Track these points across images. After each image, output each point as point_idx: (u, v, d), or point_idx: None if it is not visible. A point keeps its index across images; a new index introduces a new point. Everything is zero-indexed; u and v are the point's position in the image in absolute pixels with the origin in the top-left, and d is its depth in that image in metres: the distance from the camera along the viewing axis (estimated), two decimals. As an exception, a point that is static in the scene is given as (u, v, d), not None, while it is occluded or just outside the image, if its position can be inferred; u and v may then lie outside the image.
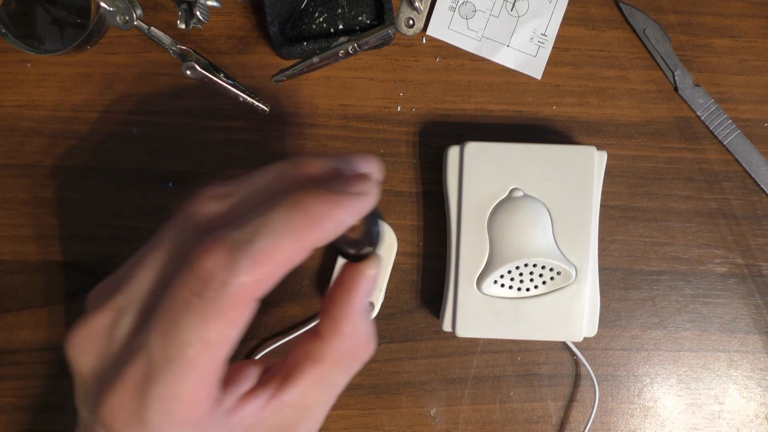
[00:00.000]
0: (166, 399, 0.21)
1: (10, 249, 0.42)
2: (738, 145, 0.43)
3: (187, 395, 0.22)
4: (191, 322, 0.21)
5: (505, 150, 0.40)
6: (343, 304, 0.26)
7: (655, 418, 0.44)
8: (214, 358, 0.22)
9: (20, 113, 0.42)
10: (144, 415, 0.22)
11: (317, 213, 0.22)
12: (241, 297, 0.21)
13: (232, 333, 0.22)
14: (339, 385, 0.27)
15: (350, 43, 0.37)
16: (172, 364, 0.21)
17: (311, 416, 0.26)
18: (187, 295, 0.21)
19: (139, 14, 0.36)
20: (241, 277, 0.21)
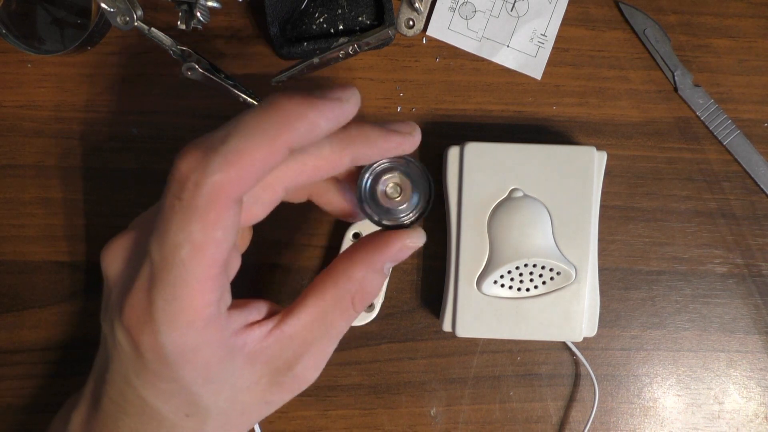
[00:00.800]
0: (168, 299, 0.23)
1: (10, 249, 0.42)
2: (738, 146, 0.43)
3: (188, 296, 0.23)
4: (177, 224, 0.22)
5: (505, 150, 0.40)
6: (364, 254, 0.27)
7: (654, 418, 0.44)
8: (206, 260, 0.22)
9: (21, 113, 0.42)
10: (153, 315, 0.23)
11: (291, 112, 0.23)
12: (217, 196, 0.22)
13: (218, 234, 0.22)
14: (336, 328, 0.28)
15: (350, 43, 0.37)
16: (168, 266, 0.23)
17: (311, 352, 0.27)
18: (171, 200, 0.22)
19: (140, 15, 0.36)
20: (214, 176, 0.22)
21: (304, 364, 0.27)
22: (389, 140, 0.27)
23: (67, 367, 0.42)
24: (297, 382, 0.27)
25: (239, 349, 0.25)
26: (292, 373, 0.27)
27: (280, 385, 0.27)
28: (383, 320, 0.43)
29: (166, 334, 0.23)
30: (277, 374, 0.27)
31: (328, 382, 0.43)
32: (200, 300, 0.23)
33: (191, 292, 0.23)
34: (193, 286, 0.23)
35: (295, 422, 0.43)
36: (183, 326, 0.23)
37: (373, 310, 0.42)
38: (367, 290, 0.27)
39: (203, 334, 0.24)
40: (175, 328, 0.23)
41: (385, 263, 0.27)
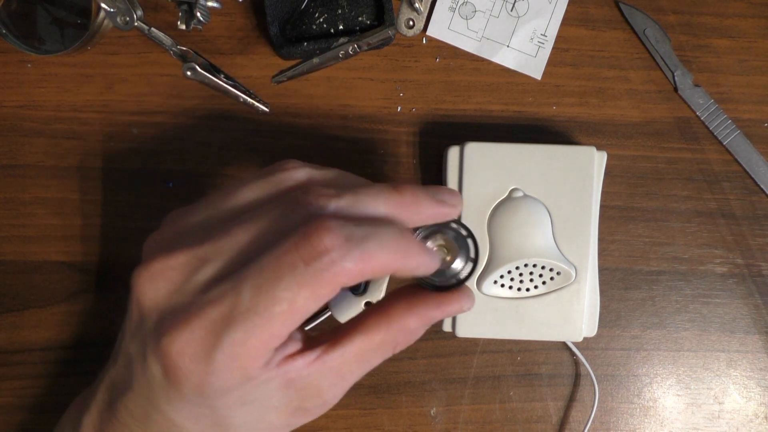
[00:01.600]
0: (237, 344, 0.23)
1: (10, 249, 0.42)
2: (738, 146, 0.43)
3: (255, 346, 0.23)
4: (290, 283, 0.23)
5: (505, 150, 0.40)
6: (423, 308, 0.28)
7: (654, 418, 0.44)
8: (291, 321, 0.23)
9: (21, 113, 0.42)
10: (213, 355, 0.23)
11: (413, 254, 0.26)
12: (338, 279, 0.23)
13: (313, 306, 0.24)
14: (372, 365, 0.28)
15: (350, 43, 0.37)
16: (256, 314, 0.23)
17: (341, 384, 0.28)
18: (296, 260, 0.23)
19: (140, 15, 0.36)
20: (348, 263, 0.23)
21: (334, 393, 0.28)
22: (438, 211, 0.28)
23: (67, 367, 0.42)
24: (322, 407, 0.28)
25: (280, 376, 0.26)
26: (321, 400, 0.27)
27: (306, 410, 0.28)
28: (383, 320, 0.43)
29: (219, 376, 0.24)
30: (307, 400, 0.27)
31: (328, 382, 0.43)
32: (264, 350, 0.24)
33: (261, 343, 0.23)
34: (266, 338, 0.23)
35: (295, 422, 0.43)
36: (237, 370, 0.24)
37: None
38: (411, 339, 0.28)
39: (250, 380, 0.24)
40: (231, 371, 0.24)
41: (438, 319, 0.28)
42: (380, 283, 0.42)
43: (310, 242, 0.23)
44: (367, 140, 0.43)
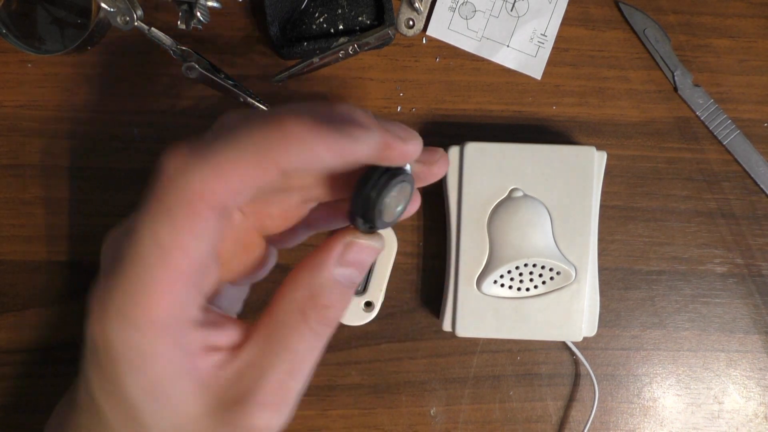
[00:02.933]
0: (126, 295, 0.22)
1: (10, 249, 0.42)
2: (737, 146, 0.43)
3: (144, 298, 0.21)
4: (150, 224, 0.21)
5: (505, 150, 0.40)
6: (311, 258, 0.24)
7: (654, 418, 0.44)
8: (169, 265, 0.21)
9: (21, 113, 0.42)
10: (107, 307, 0.22)
11: (292, 134, 0.21)
12: (192, 202, 0.21)
13: (187, 241, 0.21)
14: (291, 350, 0.23)
15: (350, 43, 0.37)
16: (133, 264, 0.22)
17: (266, 385, 0.23)
18: (149, 197, 0.21)
19: (140, 15, 0.36)
20: (194, 182, 0.20)
21: (259, 401, 0.23)
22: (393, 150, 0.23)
23: (67, 366, 0.42)
24: (251, 424, 0.23)
25: (192, 372, 0.23)
26: (245, 411, 0.23)
27: (231, 425, 0.23)
28: (383, 320, 0.43)
29: (116, 330, 0.22)
30: (229, 411, 0.23)
31: (327, 381, 0.43)
32: (156, 305, 0.21)
33: (149, 295, 0.21)
34: (153, 289, 0.21)
35: (295, 422, 0.43)
36: (133, 326, 0.22)
37: (373, 310, 0.42)
38: (319, 300, 0.23)
39: (154, 343, 0.22)
40: (125, 326, 0.22)
41: (332, 266, 0.23)
42: (380, 282, 0.42)
43: (156, 173, 0.22)
44: (367, 140, 0.43)
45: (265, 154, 0.21)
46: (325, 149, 0.21)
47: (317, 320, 0.23)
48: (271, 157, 0.21)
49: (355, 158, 0.22)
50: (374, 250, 0.25)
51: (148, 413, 0.23)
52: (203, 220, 0.21)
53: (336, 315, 0.24)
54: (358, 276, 0.24)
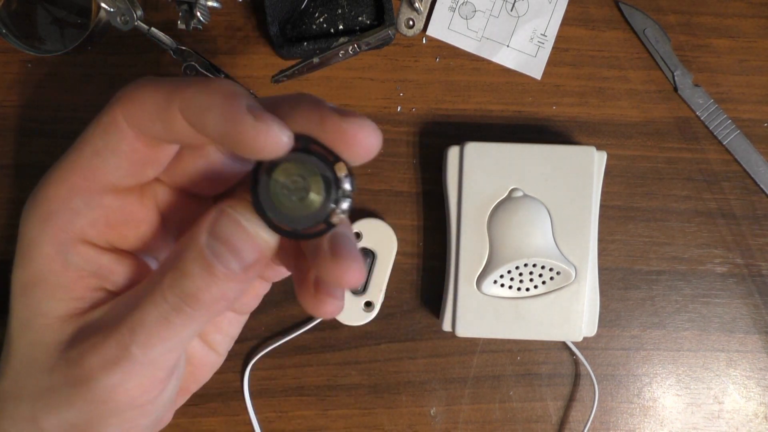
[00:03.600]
0: (45, 181, 0.23)
1: (10, 249, 0.42)
2: (737, 145, 0.43)
3: (56, 180, 0.23)
4: (89, 130, 0.24)
5: (505, 150, 0.40)
6: (194, 227, 0.21)
7: (654, 418, 0.44)
8: (83, 168, 0.22)
9: (21, 113, 0.42)
10: (34, 195, 0.23)
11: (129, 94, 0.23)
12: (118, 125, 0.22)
13: (109, 163, 0.22)
14: (142, 310, 0.20)
15: (350, 43, 0.37)
16: (61, 159, 0.23)
17: (109, 332, 0.21)
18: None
19: (140, 15, 0.36)
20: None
21: (92, 345, 0.20)
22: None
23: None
24: (81, 365, 0.20)
25: (67, 285, 0.22)
26: (80, 350, 0.21)
27: (69, 362, 0.21)
28: (383, 320, 0.43)
29: (24, 215, 0.24)
30: (72, 347, 0.21)
31: (327, 381, 0.43)
32: (54, 189, 0.23)
33: (56, 180, 0.23)
34: (59, 177, 0.23)
35: (295, 422, 0.43)
36: (32, 206, 0.23)
37: (373, 310, 0.42)
38: (178, 264, 0.20)
39: (41, 228, 0.23)
40: (29, 207, 0.23)
41: (203, 232, 0.20)
42: (380, 282, 0.42)
43: None
44: (367, 140, 0.43)
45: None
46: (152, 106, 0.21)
47: (169, 286, 0.20)
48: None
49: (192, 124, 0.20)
50: (248, 235, 0.20)
51: (17, 315, 0.22)
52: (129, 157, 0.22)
53: (194, 290, 0.20)
54: (232, 261, 0.20)
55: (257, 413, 0.43)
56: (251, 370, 0.43)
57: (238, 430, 0.43)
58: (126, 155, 0.21)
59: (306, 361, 0.43)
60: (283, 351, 0.43)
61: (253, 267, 0.20)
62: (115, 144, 0.21)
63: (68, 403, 0.21)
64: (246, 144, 0.18)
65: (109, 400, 0.21)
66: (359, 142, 0.19)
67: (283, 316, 0.43)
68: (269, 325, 0.43)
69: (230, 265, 0.20)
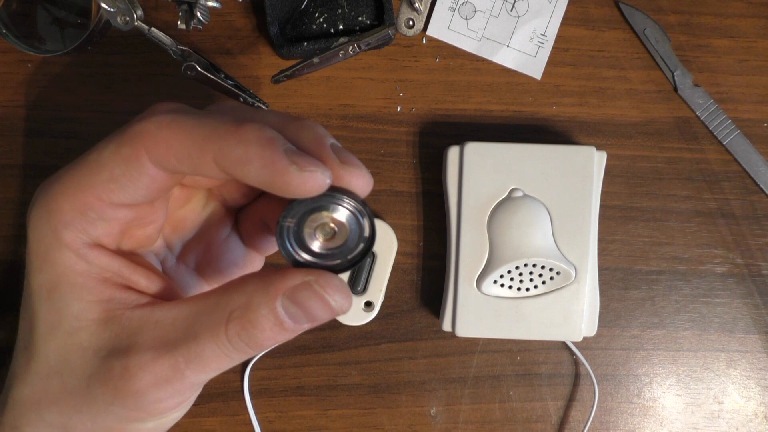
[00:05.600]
0: (58, 186, 0.22)
1: (10, 249, 0.42)
2: (737, 145, 0.43)
3: (72, 188, 0.22)
4: (109, 140, 0.22)
5: (505, 150, 0.40)
6: (263, 275, 0.22)
7: (654, 418, 0.44)
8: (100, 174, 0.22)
9: (21, 113, 0.42)
10: (46, 197, 0.22)
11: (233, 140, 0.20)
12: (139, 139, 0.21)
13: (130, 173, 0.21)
14: (200, 344, 0.21)
15: (350, 43, 0.37)
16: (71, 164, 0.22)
17: (162, 353, 0.22)
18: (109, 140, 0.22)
19: (140, 15, 0.36)
20: (150, 125, 0.21)
21: (143, 360, 0.21)
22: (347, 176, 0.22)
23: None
24: (127, 377, 0.21)
25: (92, 288, 0.22)
26: (126, 361, 0.21)
27: (111, 372, 0.22)
28: (383, 320, 0.43)
29: (34, 220, 0.22)
30: (113, 355, 0.22)
31: (327, 381, 0.43)
32: (72, 197, 0.22)
33: (73, 189, 0.22)
34: (76, 185, 0.22)
35: (295, 422, 0.43)
36: (46, 213, 0.22)
37: (373, 310, 0.42)
38: (250, 316, 0.21)
39: (61, 233, 0.22)
40: (42, 213, 0.22)
41: (280, 293, 0.21)
42: (380, 282, 0.42)
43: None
44: (367, 140, 0.43)
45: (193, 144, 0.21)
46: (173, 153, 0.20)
47: (236, 333, 0.21)
48: (199, 147, 0.20)
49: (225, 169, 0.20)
50: (328, 306, 0.22)
51: (43, 318, 0.23)
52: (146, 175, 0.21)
53: (260, 340, 0.21)
54: (304, 321, 0.22)
55: (257, 413, 0.43)
56: (251, 370, 0.43)
57: (238, 430, 0.43)
58: (145, 185, 0.22)
59: (306, 361, 0.43)
60: (283, 351, 0.43)
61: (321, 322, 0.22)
62: (135, 176, 0.21)
63: (106, 411, 0.22)
64: (289, 189, 0.20)
65: (152, 411, 0.22)
66: (360, 188, 0.22)
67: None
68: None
69: (302, 324, 0.22)
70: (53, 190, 0.22)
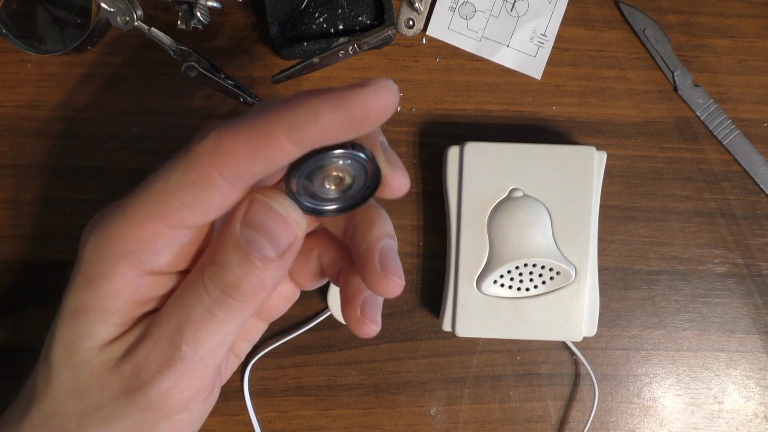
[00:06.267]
0: (120, 216, 0.22)
1: (10, 249, 0.42)
2: (737, 145, 0.43)
3: (133, 223, 0.22)
4: (164, 170, 0.22)
5: (505, 150, 0.40)
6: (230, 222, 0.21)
7: (654, 418, 0.44)
8: (167, 213, 0.22)
9: (21, 113, 0.42)
10: (109, 226, 0.23)
11: (291, 100, 0.20)
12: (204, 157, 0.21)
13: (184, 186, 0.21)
14: (187, 305, 0.22)
15: (350, 43, 0.37)
16: (134, 195, 0.23)
17: (157, 330, 0.22)
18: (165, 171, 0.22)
19: (140, 15, 0.36)
20: (210, 143, 0.20)
21: (145, 348, 0.22)
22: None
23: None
24: (135, 363, 0.22)
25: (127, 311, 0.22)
26: (132, 353, 0.22)
27: (122, 370, 0.22)
28: (383, 320, 0.43)
29: (92, 242, 0.23)
30: (123, 360, 0.22)
31: (327, 381, 0.43)
32: (136, 230, 0.22)
33: (135, 223, 0.22)
34: (141, 220, 0.22)
35: (295, 422, 0.43)
36: (107, 241, 0.23)
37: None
38: (216, 257, 0.21)
39: (116, 264, 0.22)
40: (102, 239, 0.23)
41: (236, 222, 0.21)
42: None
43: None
44: (367, 140, 0.43)
45: (270, 122, 0.20)
46: (325, 105, 0.19)
47: (210, 279, 0.21)
48: (276, 125, 0.20)
49: (365, 113, 0.20)
50: (281, 218, 0.21)
51: (62, 337, 0.23)
52: (209, 184, 0.21)
53: (234, 280, 0.21)
54: (267, 246, 0.21)
55: (257, 413, 0.43)
56: (251, 370, 0.43)
57: (238, 430, 0.43)
58: (217, 205, 0.21)
59: (306, 361, 0.43)
60: (283, 351, 0.43)
61: (288, 252, 0.22)
62: (208, 198, 0.21)
63: (122, 414, 0.22)
64: (367, 109, 0.19)
65: (162, 405, 0.22)
66: (397, 188, 0.23)
67: (283, 316, 0.43)
68: (269, 325, 0.43)
69: (266, 251, 0.21)
70: (116, 219, 0.22)
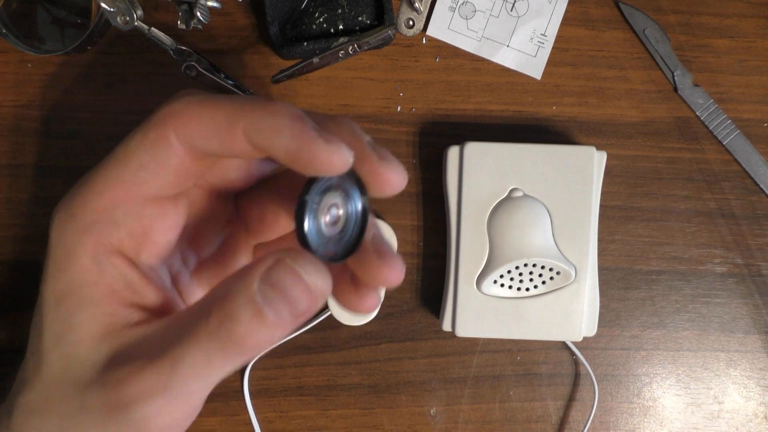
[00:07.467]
0: (81, 190, 0.24)
1: (10, 249, 0.42)
2: (737, 145, 0.43)
3: (93, 192, 0.23)
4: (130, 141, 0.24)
5: (505, 150, 0.40)
6: (254, 261, 0.21)
7: (654, 418, 0.44)
8: (124, 183, 0.23)
9: (21, 113, 0.42)
10: (68, 202, 0.24)
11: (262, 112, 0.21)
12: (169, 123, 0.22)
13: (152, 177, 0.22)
14: (184, 345, 0.20)
15: (350, 43, 0.37)
16: (93, 171, 0.24)
17: (149, 362, 0.21)
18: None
19: (140, 15, 0.36)
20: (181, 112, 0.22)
21: (133, 372, 0.20)
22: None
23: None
24: (120, 392, 0.21)
25: (102, 299, 0.22)
26: (119, 376, 0.21)
27: (107, 387, 0.21)
28: (383, 320, 0.43)
29: (56, 222, 0.23)
30: (112, 370, 0.21)
31: (327, 381, 0.43)
32: (93, 200, 0.23)
33: (93, 193, 0.23)
34: (99, 190, 0.23)
35: (295, 422, 0.43)
36: (69, 216, 0.23)
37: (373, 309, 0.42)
38: (228, 307, 0.20)
39: (80, 239, 0.22)
40: (64, 216, 0.24)
41: (255, 279, 0.20)
42: (380, 282, 0.42)
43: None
44: (367, 140, 0.43)
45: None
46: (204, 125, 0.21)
47: (216, 327, 0.20)
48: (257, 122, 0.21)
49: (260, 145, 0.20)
50: (305, 287, 0.20)
51: (51, 328, 0.22)
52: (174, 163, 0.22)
53: (240, 336, 0.20)
54: (285, 310, 0.20)
55: (257, 413, 0.43)
56: (251, 370, 0.43)
57: (238, 430, 0.43)
58: (173, 169, 0.22)
59: (306, 361, 0.43)
60: (283, 351, 0.43)
61: (304, 315, 0.21)
62: (164, 159, 0.22)
63: (102, 426, 0.21)
64: (316, 163, 0.20)
65: (143, 429, 0.21)
66: (391, 184, 0.22)
67: (283, 316, 0.43)
68: (269, 325, 0.43)
69: (282, 313, 0.20)
70: (78, 192, 0.22)
